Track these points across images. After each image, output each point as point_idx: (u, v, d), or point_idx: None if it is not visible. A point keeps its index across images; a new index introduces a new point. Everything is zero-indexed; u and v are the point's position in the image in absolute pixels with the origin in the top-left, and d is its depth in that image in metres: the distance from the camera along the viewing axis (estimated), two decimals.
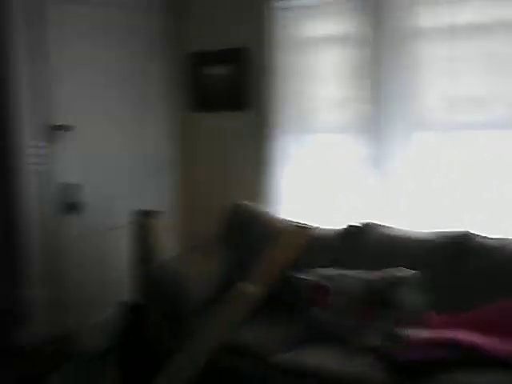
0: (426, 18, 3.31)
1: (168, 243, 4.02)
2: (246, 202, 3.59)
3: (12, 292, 3.48)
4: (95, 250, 3.85)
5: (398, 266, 2.88)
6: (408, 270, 2.85)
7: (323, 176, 3.73)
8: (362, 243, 3.21)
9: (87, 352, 3.59)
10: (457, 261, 2.95)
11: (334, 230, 3.33)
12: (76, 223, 3.70)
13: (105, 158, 3.87)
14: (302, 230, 3.27)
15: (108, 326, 3.71)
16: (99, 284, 3.86)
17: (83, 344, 3.63)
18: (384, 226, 3.24)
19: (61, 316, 3.63)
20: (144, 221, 3.47)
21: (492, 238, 2.99)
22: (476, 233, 3.03)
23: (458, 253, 2.96)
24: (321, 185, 3.72)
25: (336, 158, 3.69)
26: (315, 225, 3.34)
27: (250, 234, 3.42)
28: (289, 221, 3.41)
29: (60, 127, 3.55)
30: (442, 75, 3.31)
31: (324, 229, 3.35)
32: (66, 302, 3.66)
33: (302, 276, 3.01)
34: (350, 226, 3.32)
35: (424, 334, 2.59)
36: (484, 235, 3.02)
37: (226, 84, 4.03)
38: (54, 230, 3.60)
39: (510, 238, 2.98)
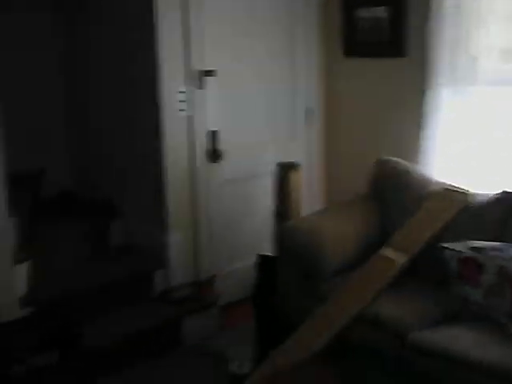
0: None
1: (309, 199, 3.93)
2: (394, 158, 3.30)
3: (158, 236, 3.53)
4: (238, 199, 3.79)
5: None
6: None
7: (482, 133, 3.32)
8: None
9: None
10: None
11: (490, 197, 2.93)
12: (219, 170, 3.65)
13: (248, 104, 3.75)
14: (454, 194, 2.97)
15: (244, 276, 3.71)
16: (240, 233, 3.82)
17: (217, 291, 3.64)
18: None
19: (200, 262, 3.65)
20: (284, 173, 3.33)
21: None
22: None
23: None
24: (479, 143, 3.33)
25: (499, 114, 3.27)
26: (469, 189, 3.00)
27: (396, 195, 3.14)
28: (440, 182, 3.09)
29: (206, 73, 3.46)
30: None
31: (479, 194, 2.98)
32: (206, 249, 3.66)
33: (452, 247, 2.70)
34: (508, 193, 2.91)
35: None
36: None
37: (381, 27, 3.69)
38: (199, 176, 3.56)
39: None
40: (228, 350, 3.22)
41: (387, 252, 2.81)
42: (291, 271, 2.98)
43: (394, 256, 2.77)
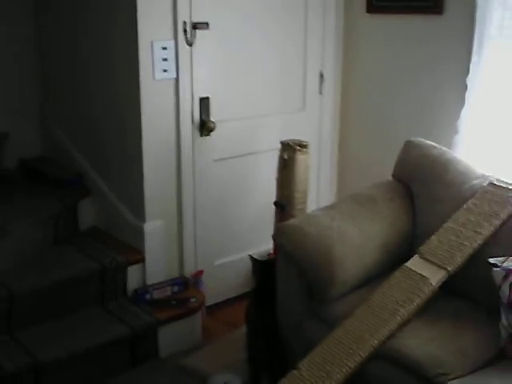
0: None
1: (318, 186, 3.40)
2: (427, 142, 2.66)
3: (133, 223, 2.98)
4: (231, 181, 3.22)
5: None
6: None
7: None
8: None
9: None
10: None
11: None
12: (209, 146, 3.04)
13: (248, 67, 3.12)
14: (506, 191, 2.32)
15: (237, 272, 3.18)
16: (234, 221, 3.27)
17: (204, 291, 3.06)
18: None
19: (185, 255, 3.09)
20: (288, 154, 2.69)
21: None
22: None
23: None
24: None
25: None
26: None
27: (430, 189, 2.50)
28: (487, 175, 2.45)
29: (196, 25, 2.81)
30: None
31: None
32: (191, 239, 3.10)
33: (502, 264, 2.08)
34: None
35: None
36: None
37: None
38: (184, 153, 2.96)
39: None
40: (211, 370, 2.62)
41: (417, 265, 2.20)
42: (292, 284, 2.35)
43: (427, 271, 2.16)
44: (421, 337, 2.03)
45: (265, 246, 3.04)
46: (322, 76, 3.38)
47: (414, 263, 2.20)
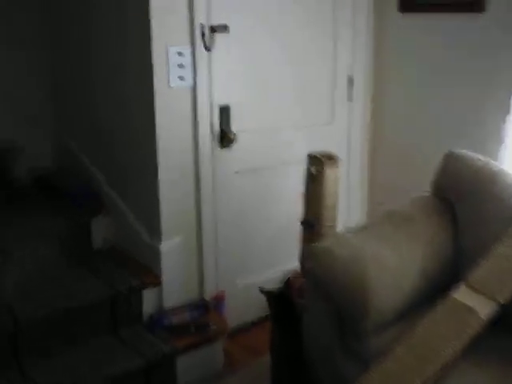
0: None
1: (348, 204, 3.18)
2: (471, 153, 2.40)
3: (148, 243, 2.78)
4: (254, 196, 2.99)
5: None
6: None
7: None
8: None
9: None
10: None
11: None
12: (230, 158, 2.83)
13: (271, 73, 2.89)
14: None
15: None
16: (257, 239, 3.05)
17: (226, 314, 2.85)
18: None
19: (205, 276, 2.87)
20: (316, 168, 2.46)
21: None
22: None
23: None
24: None
25: None
26: None
27: (475, 206, 2.25)
28: None
29: (215, 28, 2.60)
30: None
31: None
32: (211, 259, 2.88)
33: None
34: None
35: None
36: None
37: None
38: (203, 166, 2.74)
39: None
40: None
41: (464, 295, 1.94)
42: (321, 314, 2.12)
43: (475, 302, 1.90)
44: (467, 382, 1.78)
45: (291, 263, 2.83)
46: (351, 80, 3.15)
47: (460, 293, 1.95)
